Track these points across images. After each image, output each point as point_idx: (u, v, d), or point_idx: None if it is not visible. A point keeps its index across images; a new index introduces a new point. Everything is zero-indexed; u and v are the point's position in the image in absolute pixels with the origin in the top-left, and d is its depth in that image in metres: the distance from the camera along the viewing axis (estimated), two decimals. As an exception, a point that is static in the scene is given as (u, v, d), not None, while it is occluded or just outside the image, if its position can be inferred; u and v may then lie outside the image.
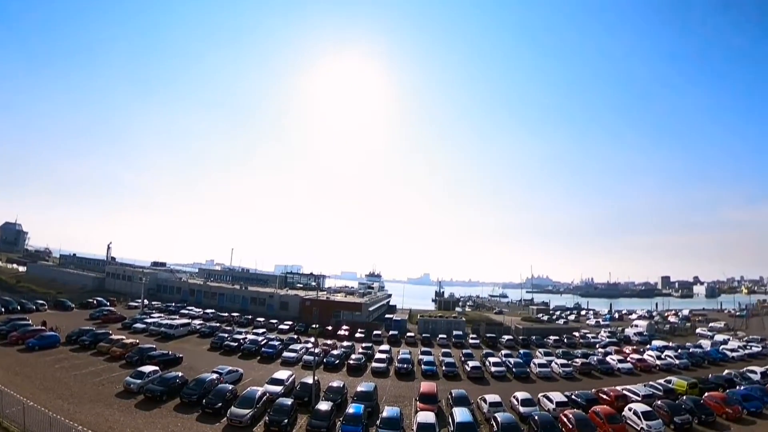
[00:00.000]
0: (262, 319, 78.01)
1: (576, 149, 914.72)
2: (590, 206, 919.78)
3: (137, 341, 49.57)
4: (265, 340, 57.11)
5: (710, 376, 48.96)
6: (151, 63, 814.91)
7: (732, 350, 66.17)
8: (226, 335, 58.42)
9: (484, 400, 35.73)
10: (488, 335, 75.92)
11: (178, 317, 71.86)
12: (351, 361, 50.18)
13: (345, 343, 61.37)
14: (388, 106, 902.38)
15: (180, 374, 36.84)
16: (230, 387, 34.58)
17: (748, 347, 68.34)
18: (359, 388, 36.80)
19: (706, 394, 39.50)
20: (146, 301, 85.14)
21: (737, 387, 43.75)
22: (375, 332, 72.99)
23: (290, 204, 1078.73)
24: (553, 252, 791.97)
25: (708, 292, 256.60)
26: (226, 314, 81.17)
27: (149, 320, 64.34)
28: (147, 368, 36.69)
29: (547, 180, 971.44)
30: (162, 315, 73.98)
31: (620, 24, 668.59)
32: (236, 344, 54.34)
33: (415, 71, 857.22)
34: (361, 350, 56.91)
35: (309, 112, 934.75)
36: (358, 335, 70.54)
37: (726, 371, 51.22)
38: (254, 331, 66.67)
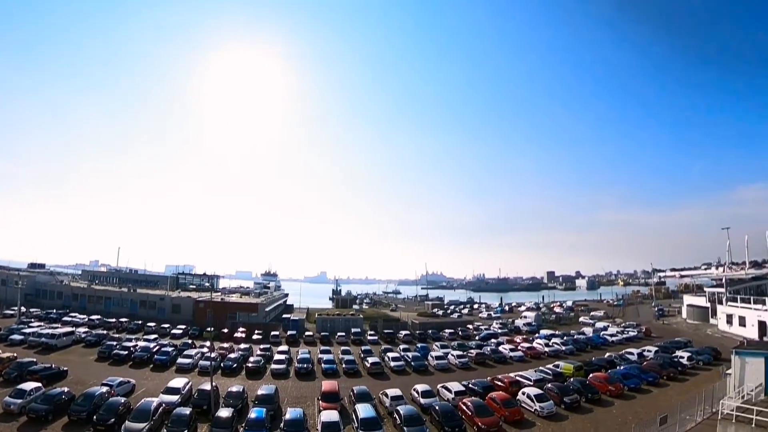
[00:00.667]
0: (153, 324, 72.26)
1: (469, 151, 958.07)
2: (482, 206, 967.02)
3: (15, 355, 43.81)
4: (157, 347, 53.11)
5: (593, 359, 53.52)
6: (24, 39, 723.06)
7: (611, 335, 72.39)
8: (115, 343, 53.43)
9: (386, 395, 36.25)
10: (386, 331, 75.97)
11: (60, 325, 64.45)
12: (249, 364, 48.51)
13: (242, 346, 58.74)
14: (285, 102, 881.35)
15: (66, 389, 33.10)
16: (123, 400, 32.02)
17: (625, 332, 75.00)
18: (260, 392, 36.03)
19: (590, 375, 43.54)
20: (23, 309, 75.09)
21: (617, 367, 48.12)
22: (273, 333, 71.30)
23: (181, 201, 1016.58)
24: (447, 249, 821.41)
25: (589, 285, 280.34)
26: (114, 320, 74.44)
27: (28, 330, 56.77)
28: (28, 385, 32.50)
29: (441, 180, 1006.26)
30: (42, 324, 65.81)
31: (515, 31, 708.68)
32: (126, 353, 49.97)
33: (313, 69, 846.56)
34: (259, 352, 55.02)
35: (202, 106, 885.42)
36: (255, 337, 68.16)
37: (607, 354, 56.45)
38: (145, 337, 61.68)
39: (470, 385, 39.70)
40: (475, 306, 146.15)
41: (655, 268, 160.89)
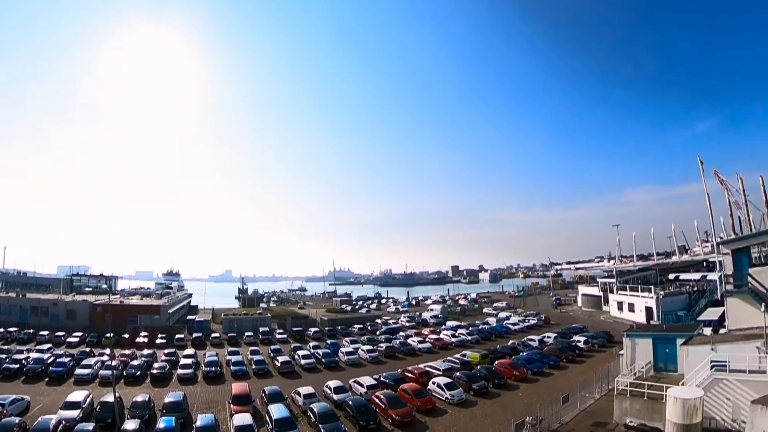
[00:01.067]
0: (46, 333, 64.96)
1: (376, 151, 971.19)
2: (390, 204, 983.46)
3: None
4: (52, 358, 47.89)
5: (498, 347, 56.09)
6: None
7: (514, 324, 76.34)
8: (4, 356, 47.67)
9: (299, 393, 35.82)
10: (295, 329, 74.62)
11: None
12: (154, 371, 45.31)
13: (145, 352, 54.74)
14: (190, 94, 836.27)
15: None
16: (17, 420, 28.87)
17: (526, 321, 79.39)
18: (167, 399, 33.63)
19: (496, 362, 45.61)
20: None
21: (521, 354, 50.65)
22: (177, 336, 67.36)
23: (74, 197, 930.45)
24: (355, 246, 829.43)
25: (491, 278, 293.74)
26: (1, 330, 66.30)
27: None
28: None
29: (350, 178, 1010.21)
30: None
31: (429, 35, 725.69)
32: (17, 366, 44.82)
33: (222, 59, 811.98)
34: (164, 357, 51.30)
35: (100, 95, 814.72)
36: (159, 341, 63.94)
37: (510, 342, 59.15)
38: (38, 347, 55.46)
39: (382, 379, 39.96)
40: (383, 301, 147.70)
41: (553, 261, 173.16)
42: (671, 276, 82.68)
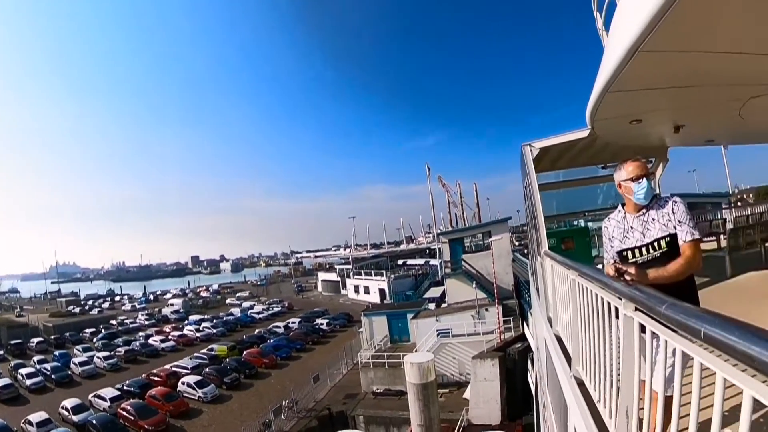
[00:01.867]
0: None
1: (114, 126, 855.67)
2: (123, 187, 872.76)
3: None
4: None
5: (245, 337, 55.83)
6: None
7: (258, 313, 77.02)
8: None
9: (30, 423, 30.65)
10: (13, 342, 61.14)
11: None
12: None
13: None
14: None
15: None
16: None
17: (270, 309, 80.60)
18: None
19: (245, 352, 45.76)
20: None
21: (268, 341, 51.24)
22: None
23: None
24: (80, 235, 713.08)
25: (233, 268, 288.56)
26: None
27: None
28: None
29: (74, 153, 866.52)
30: None
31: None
32: None
33: None
34: None
35: None
36: None
37: (257, 330, 59.60)
38: None
39: (126, 388, 36.75)
40: (117, 298, 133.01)
41: (294, 250, 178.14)
42: (400, 262, 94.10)
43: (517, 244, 72.75)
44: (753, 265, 9.90)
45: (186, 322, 73.13)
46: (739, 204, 25.83)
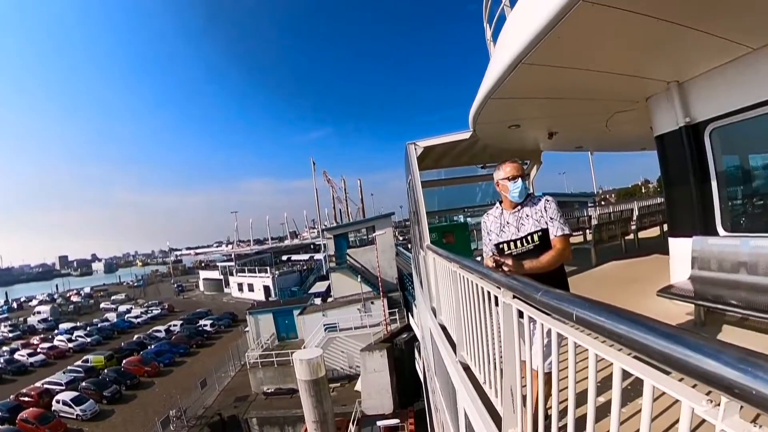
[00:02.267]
0: None
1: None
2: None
3: None
4: None
5: (123, 344, 51.53)
6: None
7: (136, 317, 71.31)
8: None
9: None
10: None
11: None
12: None
13: None
14: None
15: None
16: None
17: (149, 312, 75.61)
18: None
19: (124, 361, 42.24)
20: None
21: (149, 347, 48.19)
22: None
23: None
24: None
25: (107, 268, 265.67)
26: None
27: None
28: None
29: None
30: None
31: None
32: None
33: None
34: None
35: None
36: None
37: (136, 336, 55.14)
38: None
39: None
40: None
41: (172, 247, 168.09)
42: (284, 257, 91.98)
43: (400, 238, 74.69)
44: (615, 255, 11.49)
45: (56, 331, 66.26)
46: (602, 203, 29.13)
